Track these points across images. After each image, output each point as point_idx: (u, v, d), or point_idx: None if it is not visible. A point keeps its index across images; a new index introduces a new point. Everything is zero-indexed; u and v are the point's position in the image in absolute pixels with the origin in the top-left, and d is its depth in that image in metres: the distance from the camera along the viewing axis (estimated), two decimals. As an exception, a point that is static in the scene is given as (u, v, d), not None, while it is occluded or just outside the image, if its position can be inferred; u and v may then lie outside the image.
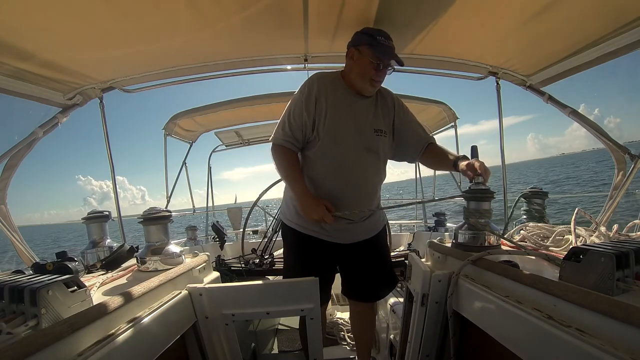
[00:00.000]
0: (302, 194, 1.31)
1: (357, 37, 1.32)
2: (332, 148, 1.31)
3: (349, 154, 1.32)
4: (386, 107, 1.43)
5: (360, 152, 1.34)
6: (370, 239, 1.45)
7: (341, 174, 1.33)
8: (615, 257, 0.71)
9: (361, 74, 1.31)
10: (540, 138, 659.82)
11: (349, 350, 2.19)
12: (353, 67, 1.33)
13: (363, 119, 1.36)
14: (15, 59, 1.34)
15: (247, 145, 3.93)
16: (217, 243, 2.84)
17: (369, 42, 1.27)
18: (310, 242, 1.39)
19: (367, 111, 1.38)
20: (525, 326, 0.77)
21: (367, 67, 1.29)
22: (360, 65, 1.31)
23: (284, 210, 1.49)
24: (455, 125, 3.11)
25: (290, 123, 1.32)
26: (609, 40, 1.45)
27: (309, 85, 1.32)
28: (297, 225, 1.41)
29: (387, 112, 1.43)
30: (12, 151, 1.61)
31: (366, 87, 1.33)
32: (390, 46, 1.29)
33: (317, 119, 1.30)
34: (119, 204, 2.15)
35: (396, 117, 1.44)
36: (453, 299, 1.08)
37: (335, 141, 1.31)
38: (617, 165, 1.81)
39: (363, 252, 1.45)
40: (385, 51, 1.27)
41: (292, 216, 1.43)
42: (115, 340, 0.79)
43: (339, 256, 1.44)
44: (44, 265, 1.22)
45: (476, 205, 1.30)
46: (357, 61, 1.31)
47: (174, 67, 1.79)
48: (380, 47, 1.26)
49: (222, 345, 1.25)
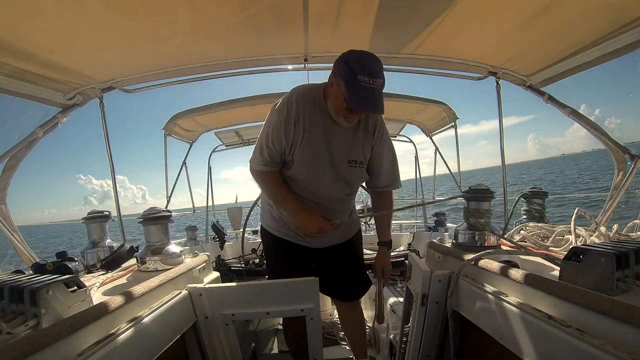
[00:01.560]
0: (295, 211, 1.29)
1: (340, 66, 1.13)
2: (303, 175, 1.29)
3: (319, 183, 1.30)
4: (366, 134, 1.31)
5: (330, 182, 1.31)
6: (343, 243, 1.48)
7: (311, 194, 1.33)
8: (615, 257, 0.71)
9: (336, 107, 1.18)
10: (540, 138, 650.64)
11: (348, 350, 2.19)
12: (330, 96, 1.19)
13: (338, 149, 1.27)
14: (15, 59, 1.34)
15: (247, 145, 3.93)
16: (217, 243, 2.84)
17: (348, 79, 1.08)
18: (285, 246, 1.43)
19: (344, 139, 1.28)
20: (525, 326, 0.77)
21: (341, 104, 1.14)
22: (335, 98, 1.16)
23: (262, 215, 1.53)
24: (455, 125, 3.11)
25: (269, 148, 1.25)
26: (609, 40, 1.45)
27: (287, 107, 1.20)
28: (273, 229, 1.45)
29: (367, 140, 1.31)
30: (12, 151, 1.61)
31: (340, 121, 1.21)
32: (373, 88, 1.08)
33: (294, 145, 1.24)
34: (119, 204, 2.15)
35: (375, 147, 1.34)
36: (453, 299, 1.08)
37: (308, 171, 1.28)
38: (617, 165, 1.81)
39: (336, 255, 1.47)
40: (359, 99, 1.08)
41: (269, 220, 1.46)
42: (116, 340, 0.79)
43: (314, 259, 1.47)
44: (44, 265, 1.22)
45: (476, 205, 1.30)
46: (334, 94, 1.16)
47: (174, 67, 1.79)
48: (355, 92, 1.07)
49: (222, 345, 1.25)
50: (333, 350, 2.18)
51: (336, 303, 1.68)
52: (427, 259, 1.47)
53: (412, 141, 4.00)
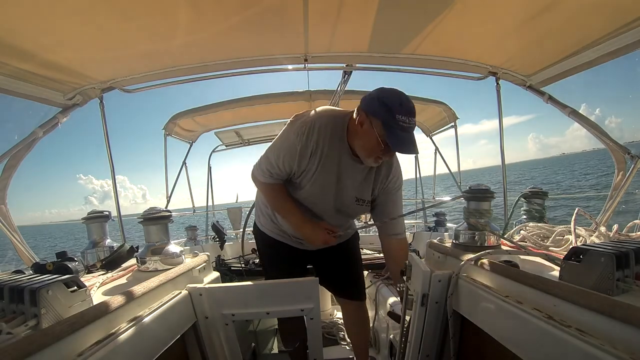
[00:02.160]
0: (300, 224, 1.27)
1: (373, 104, 1.06)
2: (307, 201, 1.29)
3: (321, 210, 1.32)
4: (379, 176, 1.28)
5: (333, 213, 1.32)
6: (340, 244, 1.48)
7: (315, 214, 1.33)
8: (615, 257, 0.71)
9: (366, 148, 1.12)
10: (541, 138, 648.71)
11: (348, 350, 2.19)
12: (359, 136, 1.13)
13: (348, 187, 1.25)
14: (15, 59, 1.34)
15: (247, 145, 3.93)
16: (217, 243, 2.84)
17: (386, 119, 1.04)
18: (280, 247, 1.45)
19: (357, 178, 1.25)
20: (525, 326, 0.77)
21: (375, 144, 1.08)
22: (367, 138, 1.09)
23: (257, 214, 1.54)
24: (455, 125, 3.11)
25: (278, 168, 1.21)
26: (609, 40, 1.45)
27: (307, 134, 1.14)
28: (268, 230, 1.47)
29: (379, 181, 1.29)
30: (12, 151, 1.61)
31: (368, 162, 1.16)
32: (410, 127, 1.05)
33: (305, 172, 1.21)
34: (118, 204, 2.15)
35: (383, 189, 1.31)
36: (453, 299, 1.08)
37: (312, 201, 1.29)
38: (617, 165, 1.81)
39: (332, 255, 1.49)
40: (401, 141, 1.05)
41: (264, 221, 1.48)
42: (116, 340, 0.79)
43: (309, 259, 1.51)
44: (44, 265, 1.22)
45: (476, 205, 1.30)
46: (366, 132, 1.09)
47: (174, 67, 1.79)
48: (396, 134, 1.04)
49: (222, 345, 1.25)
50: (333, 350, 2.18)
51: (341, 302, 1.68)
52: (427, 259, 1.47)
53: None
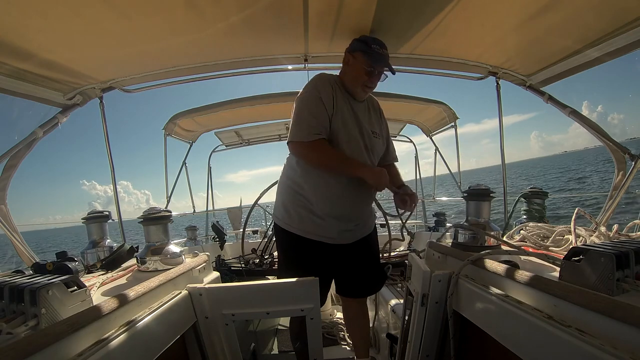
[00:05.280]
0: (361, 166, 1.31)
1: (353, 44, 1.38)
2: (348, 145, 1.33)
3: (359, 152, 1.36)
4: (375, 113, 1.51)
5: (362, 151, 1.38)
6: (365, 237, 1.49)
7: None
8: (615, 257, 0.71)
9: (354, 78, 1.36)
10: (543, 136, 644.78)
11: (348, 350, 2.19)
12: (347, 72, 1.39)
13: (365, 124, 1.40)
14: (15, 59, 1.34)
15: (247, 145, 3.93)
16: (217, 243, 2.84)
17: (363, 49, 1.33)
18: (309, 245, 1.37)
19: (365, 114, 1.43)
20: (525, 326, 0.77)
21: (360, 72, 1.34)
22: (354, 70, 1.36)
23: (281, 214, 1.42)
24: (455, 125, 3.10)
25: (315, 117, 1.27)
26: (609, 40, 1.45)
27: (317, 83, 1.33)
28: (298, 229, 1.37)
29: (377, 119, 1.51)
30: (12, 151, 1.61)
31: (358, 92, 1.39)
32: (384, 54, 1.34)
33: (335, 113, 1.31)
34: (118, 204, 2.15)
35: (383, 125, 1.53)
36: (453, 299, 1.08)
37: (344, 140, 1.32)
38: (617, 165, 1.81)
39: (359, 250, 1.48)
40: (377, 59, 1.33)
41: (291, 220, 1.37)
42: (115, 340, 0.79)
43: (337, 256, 1.43)
44: (44, 265, 1.22)
45: (476, 205, 1.30)
46: (352, 66, 1.37)
47: (174, 67, 1.79)
48: (373, 55, 1.32)
49: (222, 345, 1.25)
50: (333, 350, 2.18)
51: (344, 300, 1.67)
52: (427, 259, 1.47)
53: (412, 141, 3.99)
